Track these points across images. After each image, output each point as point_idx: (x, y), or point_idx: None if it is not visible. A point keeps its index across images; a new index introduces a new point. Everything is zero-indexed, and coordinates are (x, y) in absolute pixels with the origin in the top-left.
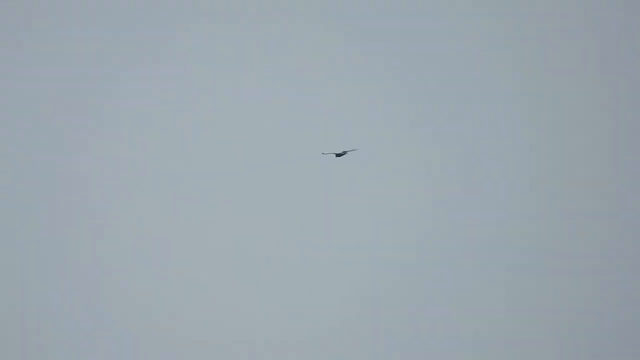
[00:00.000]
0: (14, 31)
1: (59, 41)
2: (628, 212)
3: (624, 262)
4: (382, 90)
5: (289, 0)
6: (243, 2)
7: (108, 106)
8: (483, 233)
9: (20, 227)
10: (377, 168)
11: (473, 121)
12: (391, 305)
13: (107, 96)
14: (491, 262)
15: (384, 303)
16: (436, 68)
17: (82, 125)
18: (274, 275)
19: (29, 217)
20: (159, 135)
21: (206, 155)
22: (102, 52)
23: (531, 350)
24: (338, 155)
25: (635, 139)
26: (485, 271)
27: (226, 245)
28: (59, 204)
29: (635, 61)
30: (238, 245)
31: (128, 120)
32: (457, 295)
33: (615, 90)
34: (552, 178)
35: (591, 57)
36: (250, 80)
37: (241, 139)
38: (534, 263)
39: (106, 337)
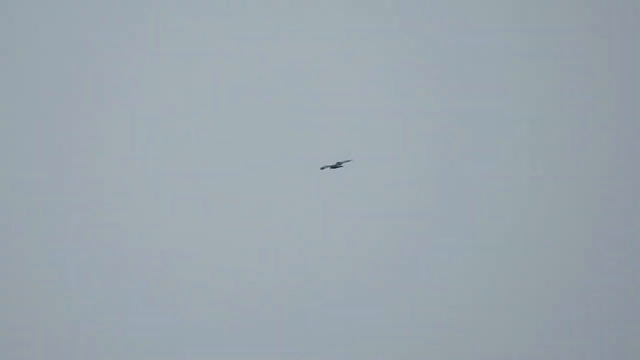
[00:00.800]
0: (8, 28)
1: (57, 37)
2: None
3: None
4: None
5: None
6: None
7: (107, 100)
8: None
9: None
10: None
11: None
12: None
13: (105, 90)
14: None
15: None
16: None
17: (82, 117)
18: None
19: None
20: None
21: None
22: (100, 45)
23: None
24: (333, 167)
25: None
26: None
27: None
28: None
29: None
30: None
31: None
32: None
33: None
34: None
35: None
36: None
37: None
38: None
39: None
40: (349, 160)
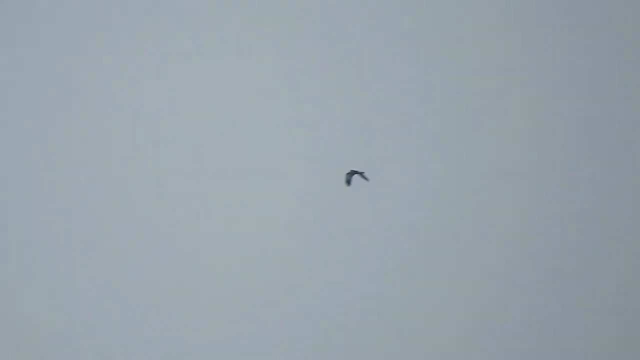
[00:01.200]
0: (6, 27)
1: (57, 37)
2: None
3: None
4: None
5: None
6: (245, 2)
7: (106, 101)
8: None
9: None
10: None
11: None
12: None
13: (103, 91)
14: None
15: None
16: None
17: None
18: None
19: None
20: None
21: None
22: (101, 45)
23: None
24: (359, 174)
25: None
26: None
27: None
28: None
29: None
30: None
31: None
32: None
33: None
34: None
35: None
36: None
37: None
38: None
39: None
40: (362, 172)
